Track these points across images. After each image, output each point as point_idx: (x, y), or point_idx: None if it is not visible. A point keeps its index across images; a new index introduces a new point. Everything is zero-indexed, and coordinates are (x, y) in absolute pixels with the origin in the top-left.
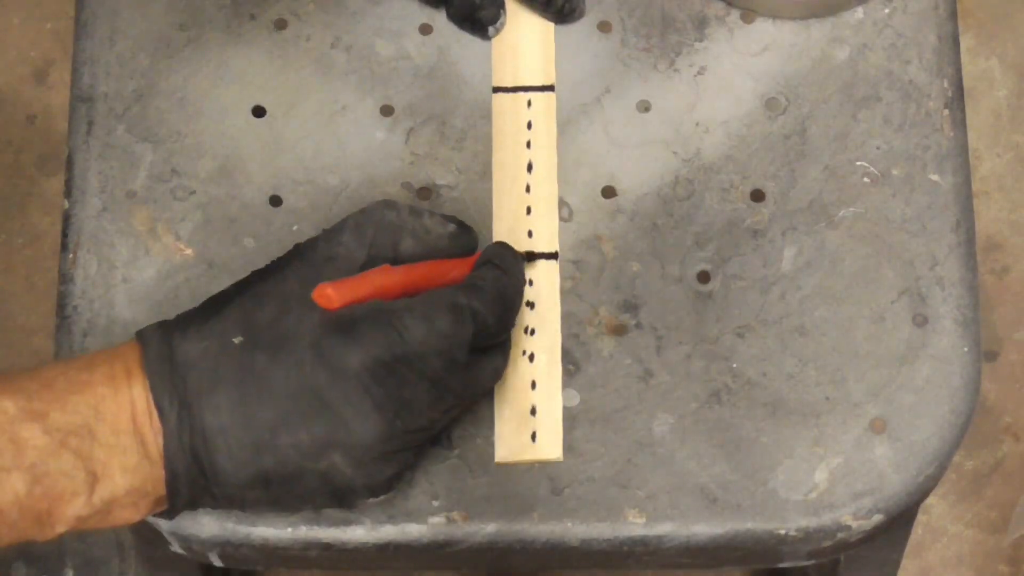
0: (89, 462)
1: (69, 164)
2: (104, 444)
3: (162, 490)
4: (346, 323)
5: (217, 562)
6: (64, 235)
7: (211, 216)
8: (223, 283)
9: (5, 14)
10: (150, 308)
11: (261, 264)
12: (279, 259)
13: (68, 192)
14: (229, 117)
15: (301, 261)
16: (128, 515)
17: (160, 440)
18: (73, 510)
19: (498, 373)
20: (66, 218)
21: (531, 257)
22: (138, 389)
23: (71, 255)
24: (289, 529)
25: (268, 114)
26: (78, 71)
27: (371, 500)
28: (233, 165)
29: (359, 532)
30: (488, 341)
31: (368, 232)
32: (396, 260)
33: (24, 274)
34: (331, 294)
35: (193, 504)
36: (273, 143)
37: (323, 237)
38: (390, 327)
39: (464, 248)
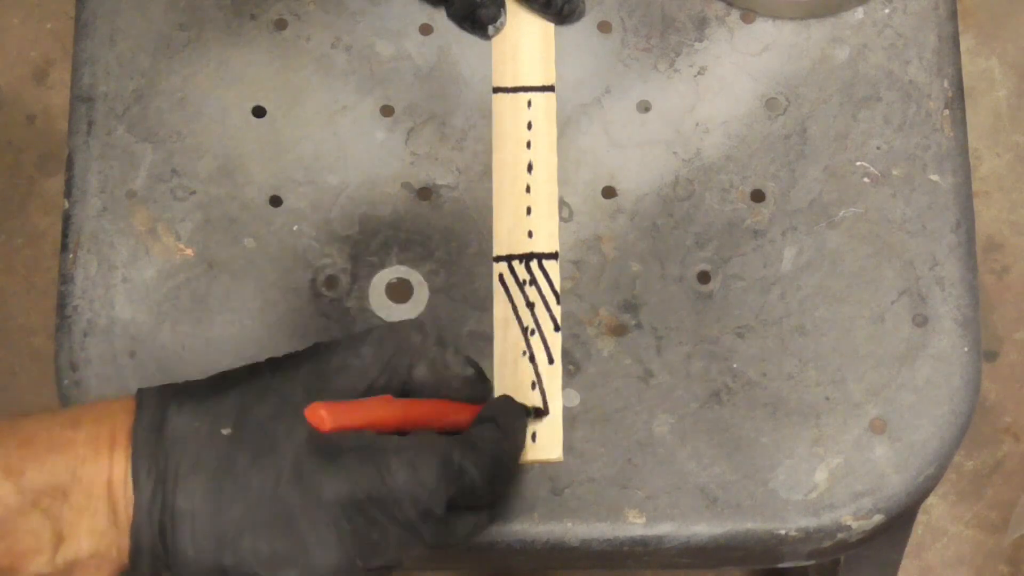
0: (57, 523)
1: (69, 164)
2: (75, 507)
3: (126, 558)
4: (331, 449)
5: None
6: (64, 235)
7: (211, 216)
8: (223, 283)
9: (5, 14)
10: (150, 308)
11: (261, 264)
12: (296, 354)
13: (68, 192)
14: (229, 117)
15: (314, 365)
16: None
17: (131, 510)
18: (35, 568)
19: (478, 531)
20: (66, 218)
21: (531, 257)
22: (119, 455)
23: (71, 255)
24: None
25: (268, 114)
26: (78, 71)
27: None
28: (233, 165)
29: None
30: (474, 502)
31: (388, 349)
32: (407, 384)
33: (24, 274)
34: (324, 416)
35: (155, 574)
36: (273, 143)
37: (344, 344)
38: (373, 465)
39: (475, 395)
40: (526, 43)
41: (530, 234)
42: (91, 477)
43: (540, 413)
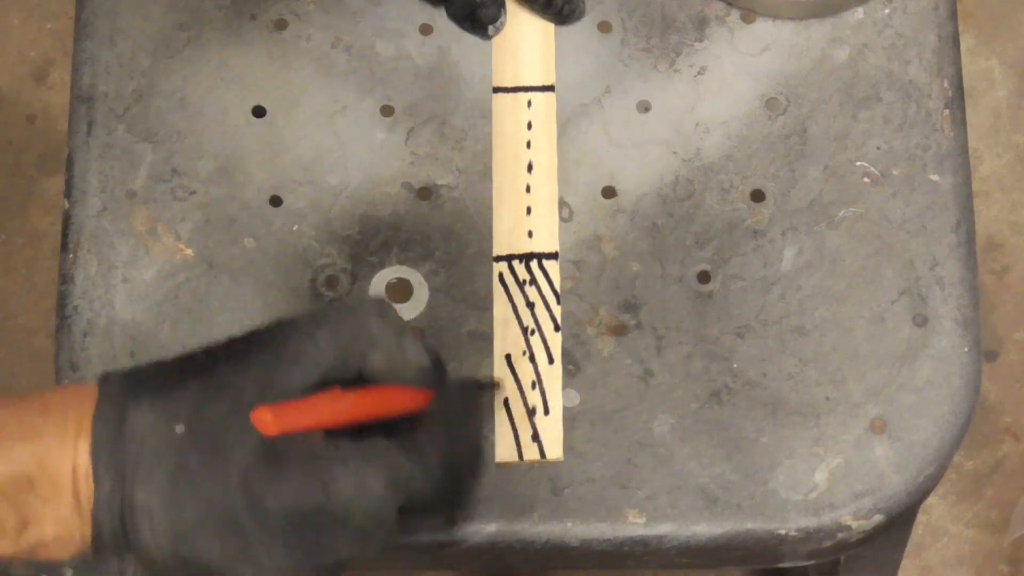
0: (22, 510)
1: (69, 164)
2: (41, 496)
3: (89, 542)
4: (277, 459)
5: None
6: (64, 235)
7: (211, 216)
8: (223, 283)
9: (5, 14)
10: (150, 308)
11: (261, 264)
12: (253, 335)
13: (68, 192)
14: (229, 117)
15: (269, 353)
16: (53, 554)
17: (90, 503)
18: None
19: (436, 531)
20: (66, 218)
21: (531, 257)
22: (83, 445)
23: (71, 255)
24: None
25: (268, 114)
26: (78, 71)
27: None
28: (233, 165)
29: None
30: (427, 505)
31: (344, 336)
32: (362, 372)
33: (24, 274)
34: (269, 421)
35: (119, 556)
36: (273, 143)
37: (301, 327)
38: (318, 478)
39: (431, 383)
40: (526, 43)
41: (530, 234)
42: (56, 467)
43: (496, 386)
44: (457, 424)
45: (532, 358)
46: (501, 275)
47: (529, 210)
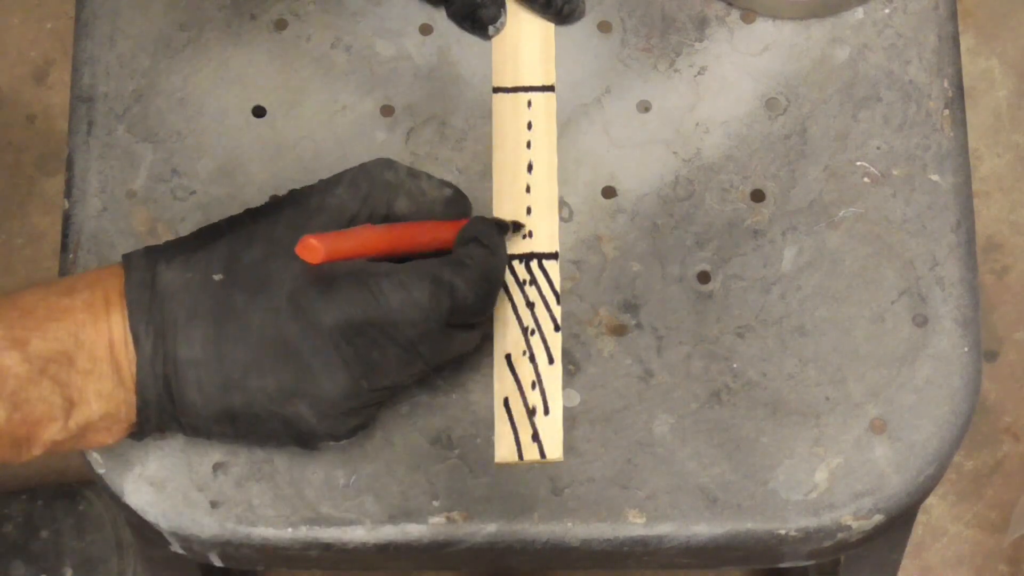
0: (67, 389)
1: (69, 164)
2: (81, 371)
3: (134, 416)
4: (325, 279)
5: (217, 562)
6: (64, 235)
7: (211, 216)
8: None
9: (5, 14)
10: None
11: None
12: (274, 201)
13: (68, 192)
14: (229, 117)
15: (294, 207)
16: (102, 439)
17: (134, 367)
18: (50, 435)
19: (471, 345)
20: (66, 218)
21: (531, 257)
22: (116, 316)
23: (71, 255)
24: (289, 529)
25: (268, 114)
26: (78, 71)
27: (332, 443)
28: (233, 165)
29: (359, 532)
30: (466, 319)
31: (363, 187)
32: (388, 218)
33: (24, 274)
34: (315, 246)
35: (161, 430)
36: (273, 143)
37: (319, 187)
38: (367, 290)
39: (457, 214)
40: (526, 43)
41: (530, 234)
42: (92, 340)
43: (518, 227)
44: (489, 241)
45: (532, 358)
46: None
47: (529, 210)
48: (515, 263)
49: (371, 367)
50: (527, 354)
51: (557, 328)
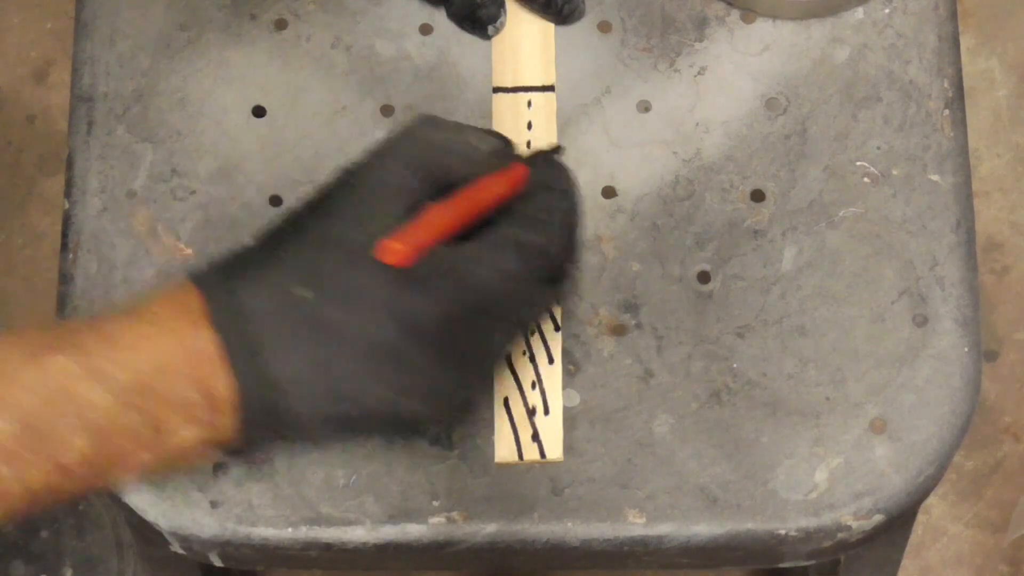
0: (154, 418)
1: (69, 164)
2: (167, 400)
3: (227, 437)
4: (414, 278)
5: (217, 562)
6: (64, 235)
7: (211, 216)
8: None
9: (5, 14)
10: None
11: None
12: (327, 188)
13: (68, 192)
14: (229, 117)
15: (352, 194)
16: (195, 461)
17: (228, 391)
18: (139, 463)
19: (565, 296)
20: (66, 218)
21: None
22: (203, 342)
23: (71, 255)
24: (289, 529)
25: (268, 114)
26: (78, 71)
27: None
28: (233, 165)
29: (359, 532)
30: (557, 271)
31: (416, 156)
32: (447, 183)
33: (24, 274)
34: (400, 249)
35: (264, 448)
36: (273, 143)
37: (369, 164)
38: (459, 280)
39: (506, 161)
40: (526, 43)
41: None
42: (178, 369)
43: (558, 150)
44: (557, 183)
45: (532, 358)
46: None
47: None
48: None
49: (478, 351)
50: (527, 354)
51: (557, 328)
